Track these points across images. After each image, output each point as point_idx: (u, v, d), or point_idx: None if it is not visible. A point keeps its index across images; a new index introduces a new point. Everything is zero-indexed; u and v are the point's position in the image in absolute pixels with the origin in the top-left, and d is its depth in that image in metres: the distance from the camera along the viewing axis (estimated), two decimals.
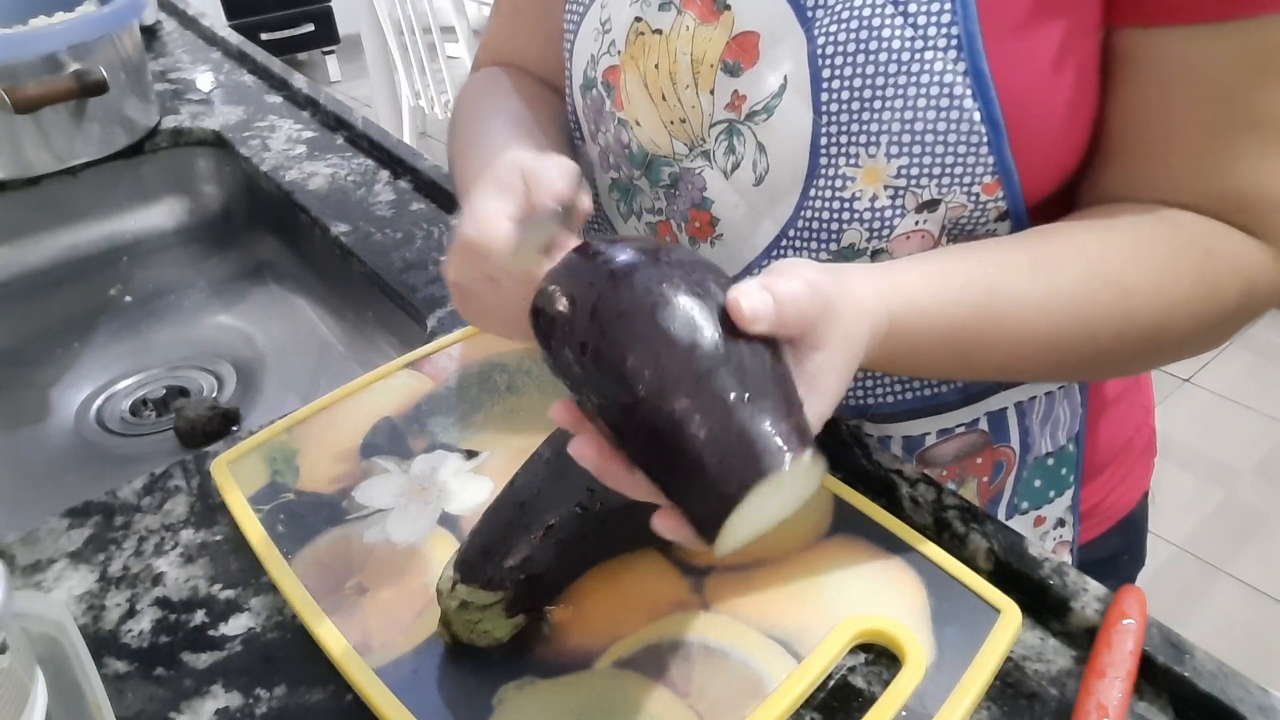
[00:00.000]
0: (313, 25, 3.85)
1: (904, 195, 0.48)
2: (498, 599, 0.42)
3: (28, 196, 0.95)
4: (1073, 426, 0.60)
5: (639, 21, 0.53)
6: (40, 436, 0.82)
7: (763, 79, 0.49)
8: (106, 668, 0.44)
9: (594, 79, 0.57)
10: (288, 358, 0.90)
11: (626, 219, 0.61)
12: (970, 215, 0.48)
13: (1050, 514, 0.62)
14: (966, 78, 0.44)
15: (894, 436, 0.57)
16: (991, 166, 0.46)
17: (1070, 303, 0.45)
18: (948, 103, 0.45)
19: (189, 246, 1.04)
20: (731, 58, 0.49)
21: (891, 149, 0.46)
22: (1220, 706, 0.39)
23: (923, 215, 0.48)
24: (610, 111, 0.56)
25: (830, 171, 0.49)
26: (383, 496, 0.52)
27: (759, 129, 0.50)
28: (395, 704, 0.40)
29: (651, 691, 0.41)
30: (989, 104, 0.44)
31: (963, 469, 0.58)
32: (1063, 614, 0.44)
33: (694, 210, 0.55)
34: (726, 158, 0.52)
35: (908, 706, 0.39)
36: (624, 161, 0.58)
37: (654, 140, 0.54)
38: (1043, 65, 0.45)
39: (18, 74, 0.86)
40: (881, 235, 0.49)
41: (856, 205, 0.49)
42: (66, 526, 0.53)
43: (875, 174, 0.48)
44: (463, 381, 0.60)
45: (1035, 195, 0.48)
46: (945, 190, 0.47)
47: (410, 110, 2.85)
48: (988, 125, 0.45)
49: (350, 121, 1.00)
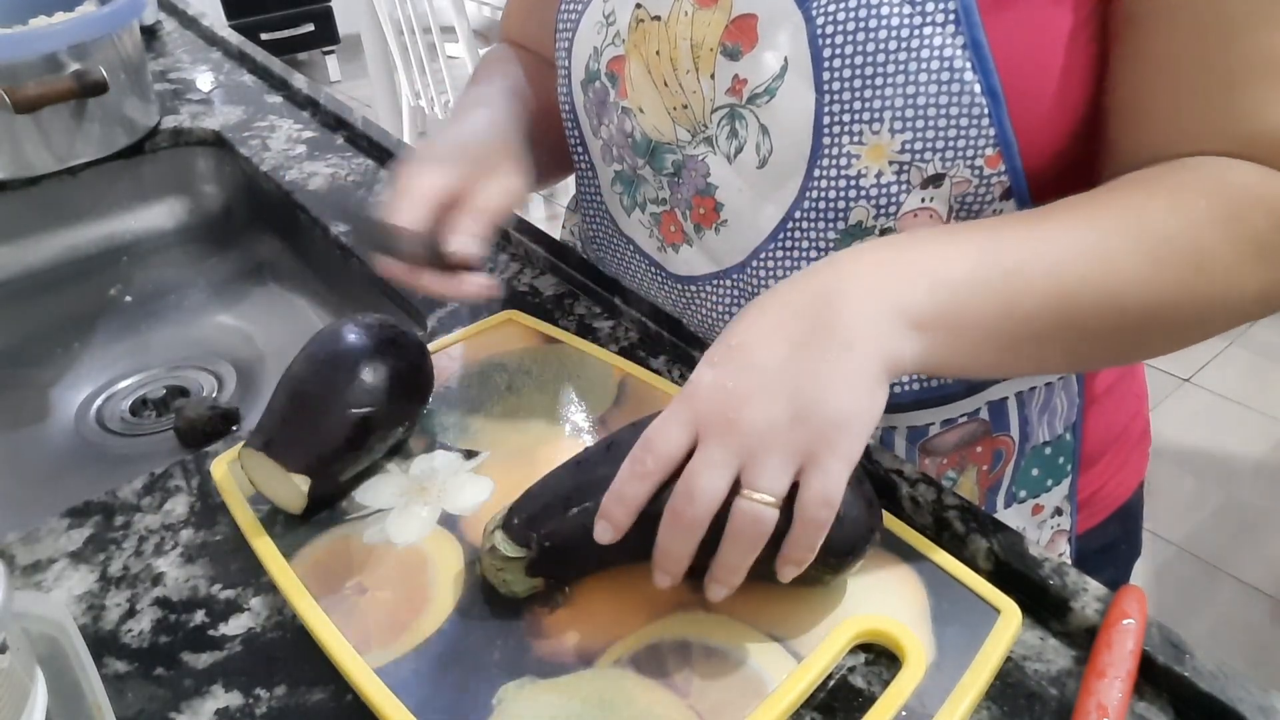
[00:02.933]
0: (313, 25, 3.85)
1: (909, 170, 0.48)
2: (522, 556, 0.43)
3: (28, 196, 0.95)
4: (1069, 416, 0.60)
5: (639, 8, 0.54)
6: (40, 436, 0.82)
7: (763, 61, 0.49)
8: (106, 668, 0.44)
9: (597, 71, 0.58)
10: (288, 358, 0.89)
11: (630, 211, 0.61)
12: (975, 191, 0.49)
13: (1048, 503, 0.62)
14: (966, 50, 0.45)
15: (899, 427, 0.57)
16: (993, 138, 0.46)
17: (1135, 265, 0.42)
18: (948, 76, 0.45)
19: (189, 246, 1.04)
20: (731, 41, 0.50)
21: (895, 125, 0.47)
22: (1220, 706, 0.39)
23: (928, 191, 0.49)
24: (614, 102, 0.57)
25: (834, 150, 0.49)
26: (383, 496, 0.52)
27: (761, 111, 0.50)
28: (395, 704, 0.40)
29: (651, 691, 0.41)
30: (988, 75, 0.45)
31: (963, 458, 0.58)
32: (1063, 614, 0.44)
33: (698, 197, 0.55)
34: (729, 142, 0.52)
35: (908, 706, 0.39)
36: (627, 152, 0.58)
37: (657, 127, 0.55)
38: (1038, 33, 0.45)
39: (18, 74, 0.86)
40: (888, 213, 0.50)
41: (862, 183, 0.49)
42: (66, 526, 0.53)
43: (880, 150, 0.48)
44: (463, 381, 0.60)
45: (1035, 167, 0.48)
46: (949, 164, 0.47)
47: (410, 110, 2.85)
48: (987, 96, 0.45)
49: (350, 121, 1.00)
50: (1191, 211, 0.43)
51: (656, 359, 0.63)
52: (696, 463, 0.39)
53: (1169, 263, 0.42)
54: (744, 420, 0.38)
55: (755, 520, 0.38)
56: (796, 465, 0.38)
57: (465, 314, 0.69)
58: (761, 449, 0.38)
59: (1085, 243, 0.42)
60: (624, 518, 0.40)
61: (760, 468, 0.38)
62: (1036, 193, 0.49)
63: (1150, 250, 0.42)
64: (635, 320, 0.66)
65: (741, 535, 0.39)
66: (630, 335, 0.65)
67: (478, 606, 0.45)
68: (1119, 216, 0.43)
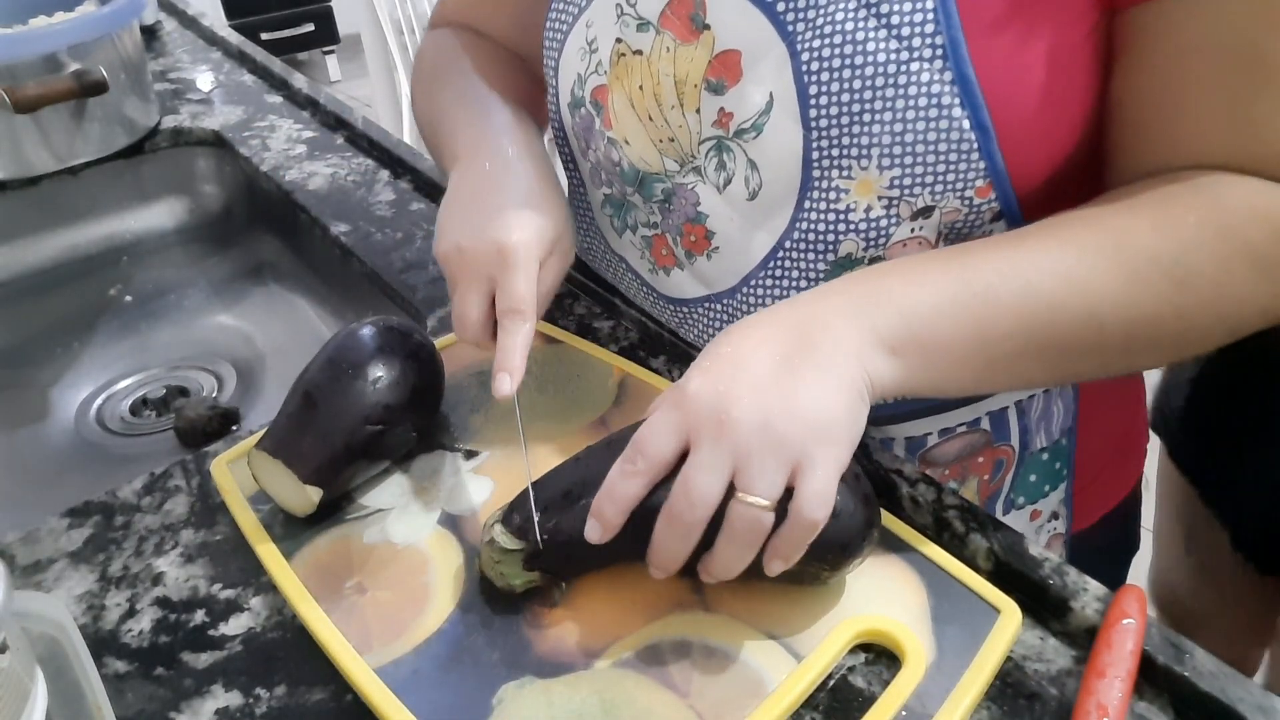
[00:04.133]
0: (313, 25, 3.85)
1: (898, 204, 0.48)
2: (519, 549, 0.44)
3: (28, 196, 0.95)
4: (1065, 421, 0.60)
5: (620, 43, 0.53)
6: (40, 436, 0.82)
7: (748, 96, 0.48)
8: (106, 668, 0.44)
9: (582, 98, 0.57)
10: (288, 358, 0.90)
11: (621, 233, 0.61)
12: (965, 219, 0.48)
13: (1045, 508, 0.62)
14: (954, 86, 0.44)
15: (896, 438, 0.57)
16: (983, 170, 0.46)
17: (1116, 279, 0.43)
18: (936, 113, 0.44)
19: (189, 246, 1.04)
20: (715, 77, 0.49)
21: (883, 161, 0.46)
22: (1220, 706, 0.39)
23: (918, 222, 0.48)
24: (600, 130, 0.56)
25: (824, 184, 0.48)
26: (383, 496, 0.52)
27: (749, 146, 0.49)
28: (395, 704, 0.40)
29: (651, 691, 0.41)
30: (977, 110, 0.44)
31: (964, 468, 0.58)
32: (1063, 614, 0.44)
33: (688, 225, 0.54)
34: (718, 173, 0.51)
35: (908, 706, 0.39)
36: (616, 178, 0.57)
37: (644, 159, 0.54)
38: (1027, 64, 0.44)
39: (18, 74, 0.86)
40: (878, 244, 0.49)
41: (851, 216, 0.49)
42: (66, 526, 0.53)
43: (868, 185, 0.47)
44: (462, 382, 0.60)
45: (1027, 193, 0.48)
46: (939, 197, 0.47)
47: (410, 110, 2.85)
48: (976, 131, 0.44)
49: (350, 121, 1.00)
50: (1178, 228, 0.43)
51: (656, 359, 0.63)
52: (691, 466, 0.39)
53: (1149, 280, 0.43)
54: (735, 421, 0.39)
55: (751, 523, 0.39)
56: (789, 468, 0.39)
57: None
58: (755, 451, 0.38)
59: (1062, 263, 0.43)
60: (616, 517, 0.41)
61: (755, 470, 0.38)
62: (1029, 214, 0.48)
63: (1130, 267, 0.43)
64: (635, 320, 0.66)
65: (738, 537, 0.39)
66: (630, 335, 0.65)
67: (478, 606, 0.45)
68: (1099, 234, 0.44)
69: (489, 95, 0.63)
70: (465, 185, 0.55)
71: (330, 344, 0.53)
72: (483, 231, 0.51)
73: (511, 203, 0.52)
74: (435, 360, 0.55)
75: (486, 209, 0.52)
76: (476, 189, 0.55)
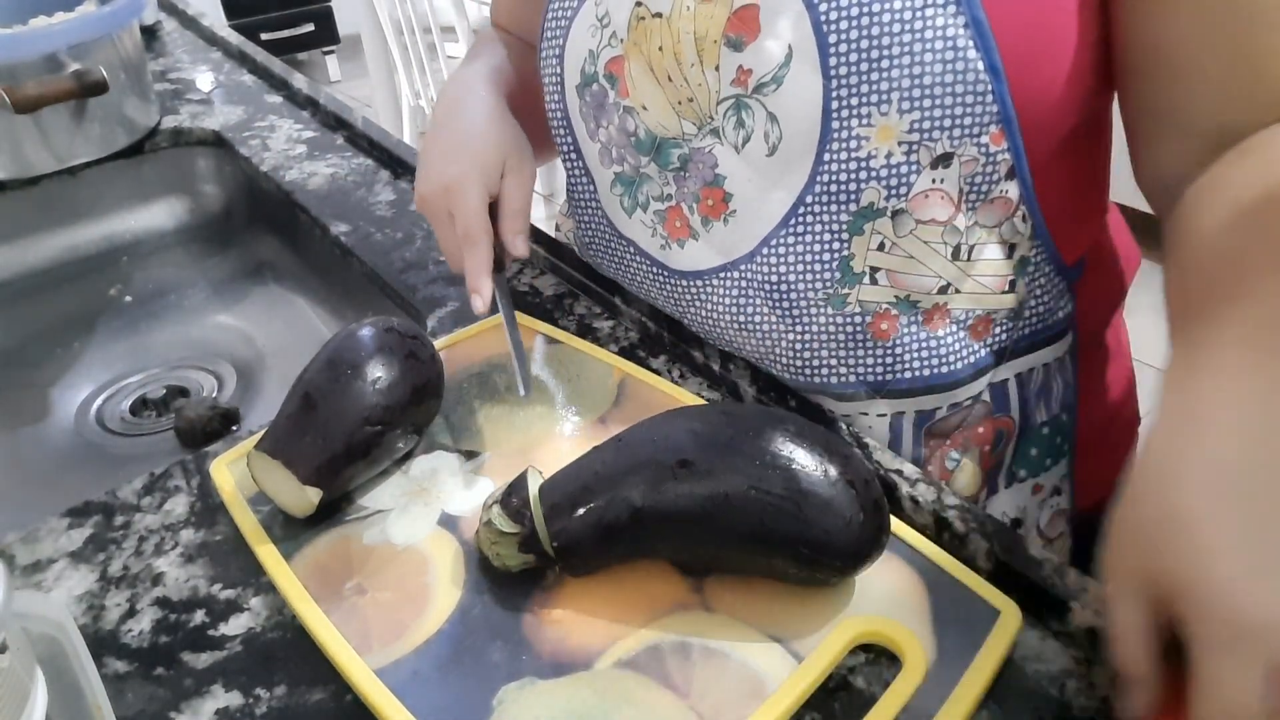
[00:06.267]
0: (313, 25, 3.86)
1: (918, 150, 0.49)
2: (515, 532, 0.44)
3: (28, 196, 0.95)
4: (1067, 397, 0.62)
5: (639, 6, 0.54)
6: (40, 436, 0.82)
7: (767, 50, 0.50)
8: (106, 668, 0.44)
9: (594, 74, 0.58)
10: (288, 358, 0.90)
11: (631, 213, 0.61)
12: (983, 170, 0.50)
13: (1047, 482, 0.63)
14: (967, 29, 0.46)
15: (907, 411, 0.58)
16: (995, 115, 0.48)
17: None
18: (952, 55, 0.46)
19: (189, 246, 1.04)
20: (734, 32, 0.51)
21: (903, 105, 0.48)
22: None
23: (938, 172, 0.50)
24: (615, 102, 0.57)
25: (844, 133, 0.50)
26: (382, 497, 0.52)
27: (769, 100, 0.51)
28: (395, 704, 0.40)
29: (651, 692, 0.41)
30: (989, 52, 0.46)
31: (966, 439, 0.59)
32: (1063, 614, 0.44)
33: (706, 189, 0.56)
34: (736, 132, 0.53)
35: (908, 707, 0.39)
36: (629, 151, 0.58)
37: (662, 123, 0.55)
38: (1038, 8, 0.47)
39: (18, 74, 0.86)
40: (899, 194, 0.51)
41: (873, 164, 0.50)
42: (66, 526, 0.53)
43: (889, 131, 0.49)
44: (462, 382, 0.60)
45: (1035, 143, 0.50)
46: (957, 143, 0.49)
47: (410, 110, 2.85)
48: (989, 73, 0.47)
49: (350, 121, 1.00)
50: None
51: (656, 359, 0.63)
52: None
53: None
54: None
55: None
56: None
57: (465, 314, 0.69)
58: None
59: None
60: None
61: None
62: (1036, 170, 0.51)
63: None
64: (635, 320, 0.66)
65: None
66: (630, 335, 0.65)
67: (478, 607, 0.45)
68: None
69: (476, 58, 0.72)
70: (426, 142, 0.64)
71: (330, 345, 0.53)
72: (431, 176, 0.60)
73: (454, 143, 0.61)
74: (435, 360, 0.55)
75: (433, 155, 0.62)
76: (431, 141, 0.63)
